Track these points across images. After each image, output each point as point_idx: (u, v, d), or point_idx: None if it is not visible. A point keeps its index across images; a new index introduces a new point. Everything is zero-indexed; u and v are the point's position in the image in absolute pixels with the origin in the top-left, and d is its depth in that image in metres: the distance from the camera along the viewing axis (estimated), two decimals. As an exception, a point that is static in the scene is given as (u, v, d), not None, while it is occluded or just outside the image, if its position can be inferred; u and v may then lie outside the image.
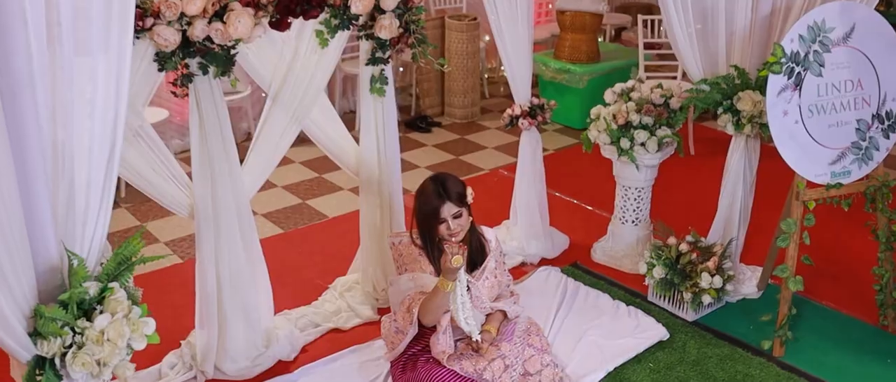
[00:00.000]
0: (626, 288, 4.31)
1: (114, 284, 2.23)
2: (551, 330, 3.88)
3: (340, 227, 5.05)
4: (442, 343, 3.26)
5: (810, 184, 3.65)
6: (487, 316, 3.47)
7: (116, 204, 5.43)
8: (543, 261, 4.60)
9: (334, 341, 3.89)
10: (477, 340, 3.29)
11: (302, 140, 3.94)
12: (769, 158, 4.48)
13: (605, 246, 4.63)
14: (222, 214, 3.44)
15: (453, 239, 3.29)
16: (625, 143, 4.22)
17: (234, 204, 3.48)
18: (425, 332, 3.36)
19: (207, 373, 3.60)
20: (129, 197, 5.47)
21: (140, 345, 2.25)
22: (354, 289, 4.19)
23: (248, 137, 6.59)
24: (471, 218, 3.34)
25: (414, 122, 6.98)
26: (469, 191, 3.32)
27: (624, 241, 4.55)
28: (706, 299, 3.92)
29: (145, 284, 4.41)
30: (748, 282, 4.30)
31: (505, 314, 3.49)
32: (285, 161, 6.14)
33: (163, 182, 3.35)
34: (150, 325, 2.27)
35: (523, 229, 4.63)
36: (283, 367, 3.70)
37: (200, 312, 3.59)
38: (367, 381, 3.55)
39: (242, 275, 3.58)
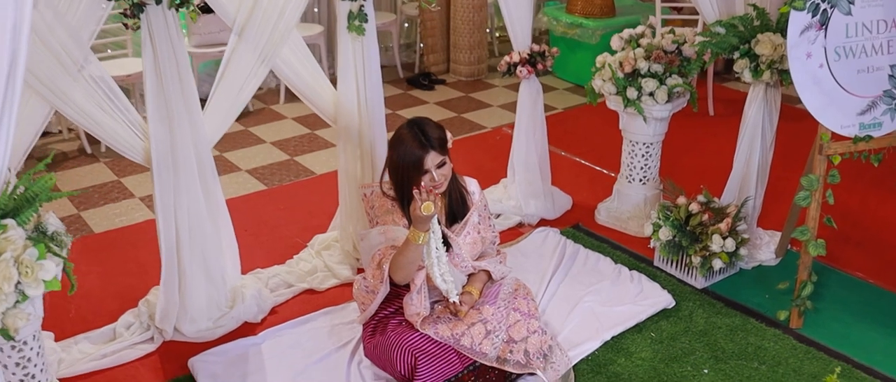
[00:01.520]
0: (630, 252, 3.95)
1: (7, 221, 1.91)
2: (545, 295, 3.54)
3: (327, 184, 4.71)
4: (416, 304, 2.92)
5: (836, 137, 3.25)
6: (469, 276, 3.13)
7: (95, 158, 5.15)
8: (543, 222, 4.24)
9: (307, 302, 3.58)
10: (455, 301, 2.96)
11: (296, 96, 3.60)
12: (795, 120, 4.11)
13: (609, 207, 4.27)
14: (181, 162, 3.13)
15: (437, 191, 2.95)
16: (631, 93, 3.84)
17: (193, 152, 3.17)
18: (400, 292, 3.03)
19: (166, 334, 3.31)
20: (108, 151, 5.18)
21: (35, 291, 1.93)
22: (333, 248, 3.87)
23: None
24: (451, 166, 3.00)
25: (416, 79, 6.62)
26: (449, 135, 2.97)
27: (630, 201, 4.18)
28: (717, 264, 3.55)
29: (114, 239, 4.18)
30: (765, 248, 3.92)
31: (489, 275, 3.16)
32: (276, 116, 5.86)
33: (113, 123, 3.04)
34: (48, 270, 1.94)
35: (521, 187, 4.27)
36: (248, 329, 3.39)
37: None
38: (337, 345, 3.23)
39: (204, 229, 3.28)
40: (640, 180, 4.14)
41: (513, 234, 4.11)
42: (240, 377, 3.07)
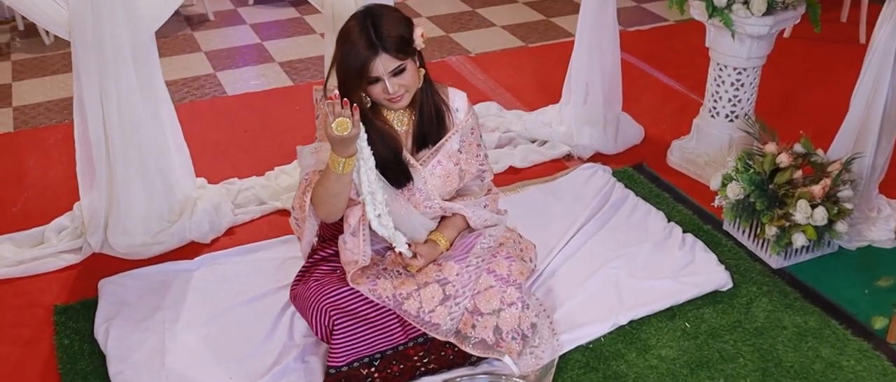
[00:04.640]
0: (697, 208, 3.05)
1: None
2: (562, 251, 2.73)
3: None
4: (351, 249, 2.22)
5: None
6: (442, 220, 2.39)
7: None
8: (597, 157, 3.39)
9: (274, 225, 2.97)
10: (401, 253, 2.23)
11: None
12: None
13: (685, 147, 3.34)
14: (108, 41, 2.55)
15: (395, 105, 2.21)
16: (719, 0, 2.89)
17: (126, 34, 2.57)
18: (342, 230, 2.33)
19: (93, 246, 2.78)
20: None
21: None
22: (323, 162, 3.20)
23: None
24: (423, 73, 2.23)
25: (511, -25, 5.73)
26: (418, 31, 2.18)
27: (712, 142, 3.24)
28: (798, 240, 2.61)
29: (62, 133, 3.66)
30: (883, 223, 2.90)
31: (467, 221, 2.40)
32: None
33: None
34: None
35: (577, 111, 3.42)
36: (195, 251, 2.82)
37: (81, 169, 2.75)
38: (280, 285, 2.60)
39: (141, 126, 2.71)
40: (727, 116, 3.18)
41: (553, 168, 3.30)
42: (150, 309, 2.51)
